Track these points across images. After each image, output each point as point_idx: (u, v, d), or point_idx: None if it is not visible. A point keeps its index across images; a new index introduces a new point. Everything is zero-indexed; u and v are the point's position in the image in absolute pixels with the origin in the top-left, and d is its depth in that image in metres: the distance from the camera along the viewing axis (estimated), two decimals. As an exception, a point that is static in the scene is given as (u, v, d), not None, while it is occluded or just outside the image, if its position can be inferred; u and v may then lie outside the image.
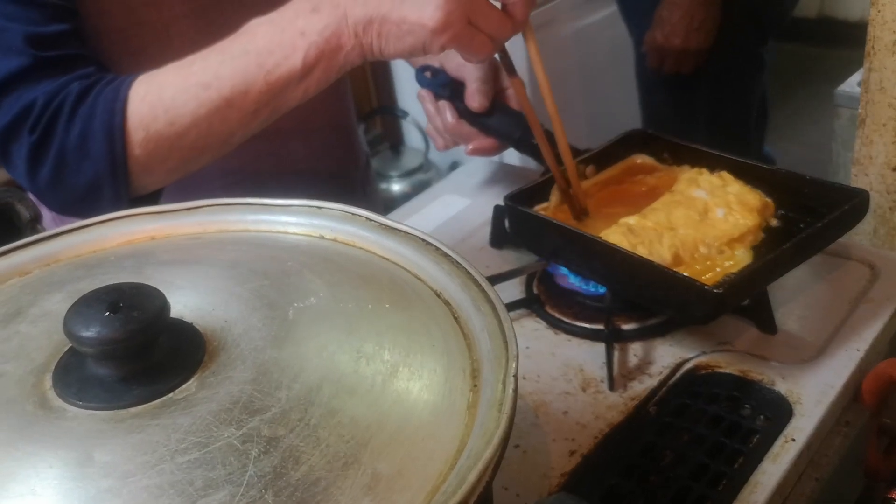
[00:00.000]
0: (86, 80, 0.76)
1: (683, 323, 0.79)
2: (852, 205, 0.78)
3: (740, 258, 0.77)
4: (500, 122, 0.96)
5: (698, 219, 0.80)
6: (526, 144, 0.94)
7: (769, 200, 0.83)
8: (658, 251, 0.77)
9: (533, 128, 0.86)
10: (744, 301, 0.78)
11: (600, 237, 0.78)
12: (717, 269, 0.76)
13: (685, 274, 0.73)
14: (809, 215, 0.79)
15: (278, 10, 0.74)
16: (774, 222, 0.82)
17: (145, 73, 0.76)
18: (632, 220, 0.80)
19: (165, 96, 0.74)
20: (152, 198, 0.80)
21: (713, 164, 0.88)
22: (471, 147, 0.98)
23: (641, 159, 0.94)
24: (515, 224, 0.88)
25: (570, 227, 0.81)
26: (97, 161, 0.75)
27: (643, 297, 0.79)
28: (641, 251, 0.76)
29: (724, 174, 0.85)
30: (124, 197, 0.76)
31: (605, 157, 0.93)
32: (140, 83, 0.75)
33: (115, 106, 0.74)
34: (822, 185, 0.82)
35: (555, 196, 0.88)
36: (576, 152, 0.90)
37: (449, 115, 0.97)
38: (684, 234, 0.78)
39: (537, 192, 0.88)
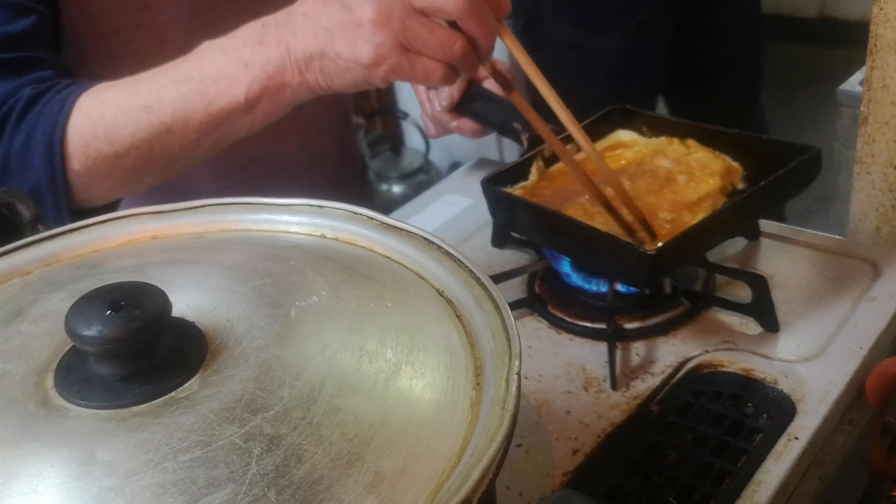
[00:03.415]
0: (39, 86, 0.75)
1: (633, 286, 0.81)
2: (799, 162, 0.78)
3: None
4: (483, 108, 0.98)
5: (659, 187, 0.81)
6: (508, 129, 0.96)
7: (735, 165, 0.84)
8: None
9: (539, 130, 0.84)
10: (685, 263, 0.80)
11: (560, 211, 0.80)
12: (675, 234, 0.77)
13: (627, 240, 0.75)
14: (771, 176, 0.79)
15: (229, 35, 0.72)
16: (741, 186, 0.83)
17: (96, 86, 0.75)
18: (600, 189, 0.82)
19: (107, 115, 0.73)
20: (105, 211, 0.79)
21: (685, 133, 0.89)
22: (454, 124, 0.99)
23: (622, 135, 0.95)
24: (492, 205, 0.90)
25: (534, 203, 0.83)
26: (37, 171, 0.73)
27: (599, 266, 0.81)
28: (598, 221, 0.77)
29: (691, 142, 0.87)
30: (65, 209, 0.75)
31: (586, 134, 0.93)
32: (86, 97, 0.74)
33: (59, 118, 0.73)
34: (777, 144, 0.82)
35: (534, 175, 0.89)
36: (556, 131, 0.91)
37: (436, 102, 0.98)
38: (644, 202, 0.79)
39: (517, 171, 0.90)
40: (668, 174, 0.82)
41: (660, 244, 0.75)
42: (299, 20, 0.69)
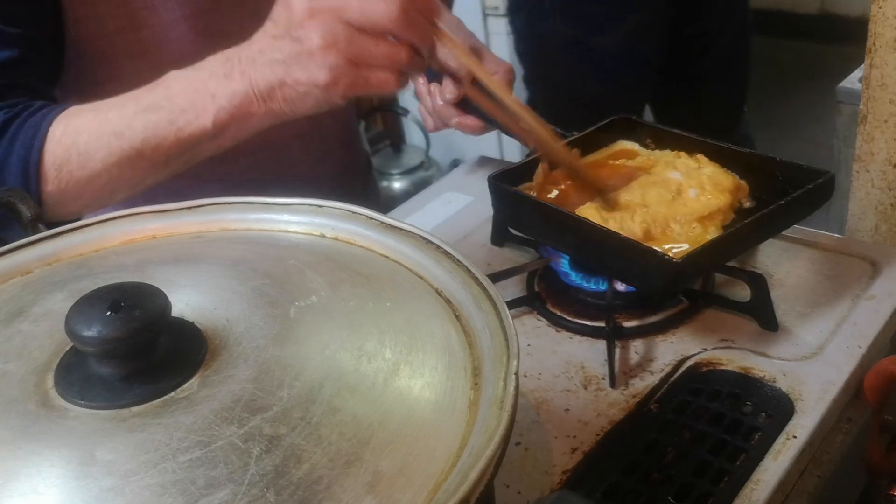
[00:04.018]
0: (10, 111, 0.77)
1: (649, 296, 0.81)
2: (816, 184, 0.78)
3: (710, 237, 0.78)
4: None
5: (671, 198, 0.81)
6: None
7: (743, 182, 0.84)
8: (629, 226, 0.78)
9: (507, 126, 0.86)
10: (703, 273, 0.81)
11: (573, 212, 0.80)
12: (686, 246, 0.77)
13: (651, 246, 0.74)
14: (781, 197, 0.79)
15: (195, 66, 0.75)
16: (748, 203, 0.83)
17: (67, 110, 0.77)
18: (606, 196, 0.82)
19: (80, 141, 0.75)
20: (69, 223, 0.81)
21: (692, 148, 0.89)
22: (456, 120, 0.99)
23: (625, 145, 0.95)
24: (498, 202, 0.89)
25: (545, 202, 0.83)
26: None
27: (611, 268, 0.80)
28: (612, 225, 0.77)
29: (701, 157, 0.87)
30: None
31: (589, 142, 0.93)
32: (59, 123, 0.76)
33: (34, 143, 0.75)
34: (791, 166, 0.82)
35: (539, 175, 0.89)
36: (560, 136, 0.91)
37: (439, 97, 0.98)
38: (656, 211, 0.79)
39: (523, 171, 0.89)
40: (679, 186, 0.82)
41: (675, 250, 0.76)
42: (257, 55, 0.71)
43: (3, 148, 0.76)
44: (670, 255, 0.72)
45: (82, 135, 0.75)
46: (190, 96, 0.73)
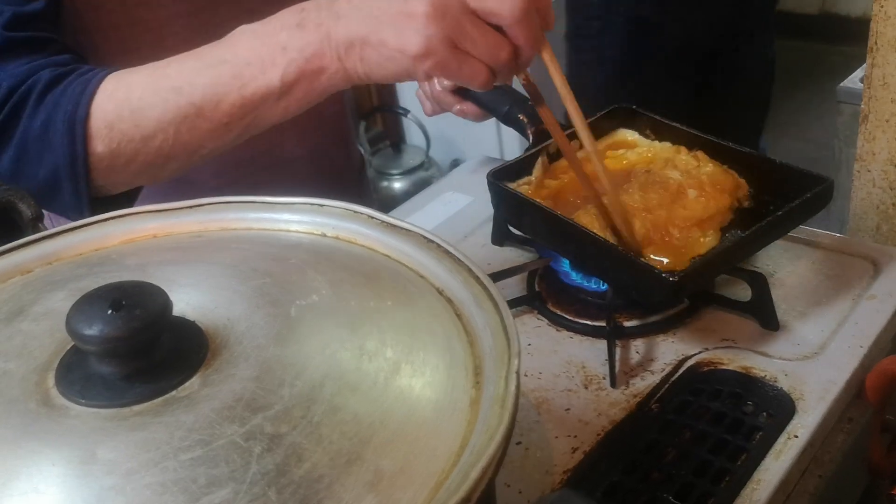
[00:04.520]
0: (58, 69, 0.73)
1: (649, 306, 0.81)
2: (815, 193, 0.78)
3: (709, 241, 0.78)
4: (486, 93, 0.95)
5: (671, 200, 0.81)
6: (512, 119, 0.94)
7: (742, 181, 0.84)
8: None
9: (565, 153, 0.83)
10: (703, 287, 0.81)
11: (572, 219, 0.79)
12: (685, 251, 0.77)
13: (646, 261, 0.75)
14: (779, 199, 0.79)
15: (266, 20, 0.70)
16: (746, 203, 0.83)
17: (120, 70, 0.74)
18: (605, 200, 0.81)
19: (133, 96, 0.71)
20: (126, 200, 0.77)
21: (691, 144, 0.88)
22: (457, 107, 0.97)
23: (625, 134, 0.95)
24: (497, 201, 0.89)
25: (545, 207, 0.82)
26: (57, 152, 0.71)
27: (610, 280, 0.80)
28: (612, 235, 0.77)
29: (700, 154, 0.86)
30: (84, 194, 0.73)
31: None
32: (111, 79, 0.72)
33: (82, 99, 0.71)
34: (790, 170, 0.82)
35: (538, 170, 0.88)
36: (561, 126, 0.91)
37: (437, 82, 0.96)
38: (656, 216, 0.79)
39: (522, 166, 0.89)
40: (679, 187, 0.82)
41: (666, 263, 0.76)
42: (344, 6, 0.67)
43: (48, 105, 0.71)
44: (668, 270, 0.72)
45: (136, 90, 0.71)
46: (257, 49, 0.69)
